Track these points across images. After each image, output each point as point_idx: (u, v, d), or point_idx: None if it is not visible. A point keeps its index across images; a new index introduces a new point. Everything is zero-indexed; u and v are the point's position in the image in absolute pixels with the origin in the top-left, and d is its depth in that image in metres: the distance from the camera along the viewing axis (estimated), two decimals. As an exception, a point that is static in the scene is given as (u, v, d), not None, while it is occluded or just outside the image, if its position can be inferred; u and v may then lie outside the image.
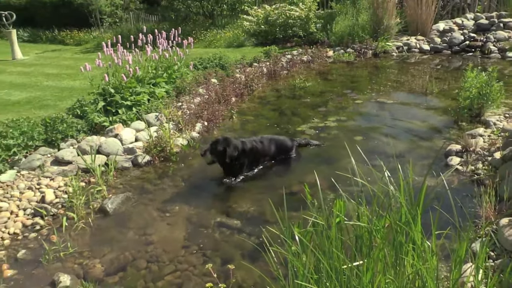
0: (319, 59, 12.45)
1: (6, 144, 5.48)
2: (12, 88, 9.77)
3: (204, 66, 10.28)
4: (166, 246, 4.10)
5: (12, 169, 5.49)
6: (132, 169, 5.83)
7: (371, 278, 2.30)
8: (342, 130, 6.91)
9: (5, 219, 4.60)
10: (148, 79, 7.99)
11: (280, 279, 2.49)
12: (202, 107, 7.56)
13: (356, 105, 8.29)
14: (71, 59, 14.49)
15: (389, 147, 5.81)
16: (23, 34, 21.04)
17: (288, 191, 4.68)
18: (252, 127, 7.29)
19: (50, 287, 3.61)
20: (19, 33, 19.63)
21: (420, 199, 2.39)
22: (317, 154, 6.03)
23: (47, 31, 20.83)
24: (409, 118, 7.26)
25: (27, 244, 4.27)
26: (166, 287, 3.56)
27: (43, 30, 21.07)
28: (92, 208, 4.83)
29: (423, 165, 5.29)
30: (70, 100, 8.09)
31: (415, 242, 2.36)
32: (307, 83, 9.82)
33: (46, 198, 4.96)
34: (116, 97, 7.00)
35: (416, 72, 10.92)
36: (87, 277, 3.72)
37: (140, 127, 6.66)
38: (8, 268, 3.89)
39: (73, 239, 4.28)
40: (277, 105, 8.54)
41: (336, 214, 2.47)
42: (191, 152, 6.28)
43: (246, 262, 3.69)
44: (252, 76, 9.74)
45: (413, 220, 2.35)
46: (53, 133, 6.02)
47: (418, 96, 8.69)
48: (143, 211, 4.77)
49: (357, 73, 11.21)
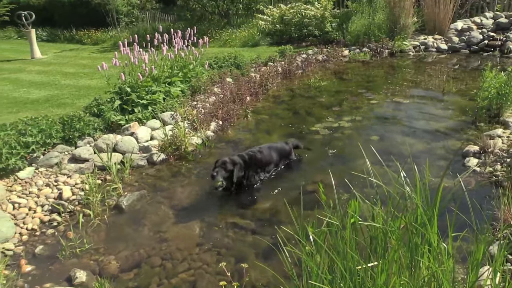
0: (335, 59, 12.35)
1: (25, 141, 5.57)
2: (31, 86, 9.94)
3: (219, 65, 10.30)
4: (180, 244, 4.13)
5: (30, 166, 5.59)
6: (147, 167, 5.87)
7: (385, 279, 2.28)
8: (356, 130, 6.86)
9: (24, 215, 4.69)
10: (164, 78, 8.05)
11: (294, 279, 2.48)
12: (217, 106, 7.58)
13: (371, 105, 8.21)
14: (89, 58, 14.68)
15: (404, 147, 5.74)
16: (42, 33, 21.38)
17: (302, 191, 4.66)
18: (266, 126, 7.27)
19: (66, 282, 3.67)
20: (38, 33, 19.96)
21: (436, 201, 2.36)
22: (333, 154, 5.99)
23: (65, 31, 21.14)
24: (425, 118, 7.16)
25: (44, 240, 4.35)
26: (180, 284, 3.58)
27: (61, 30, 21.39)
28: (108, 205, 4.88)
29: (439, 166, 5.21)
30: (87, 99, 8.20)
31: (431, 244, 2.32)
32: (322, 83, 9.76)
33: (63, 195, 5.04)
34: (132, 96, 7.07)
35: (433, 71, 10.77)
36: (103, 273, 3.77)
37: (156, 126, 6.71)
38: (26, 264, 3.96)
39: (89, 236, 4.35)
40: (291, 105, 8.51)
41: (351, 214, 2.45)
42: (205, 151, 6.30)
43: (260, 261, 3.69)
44: (267, 75, 9.73)
45: (429, 222, 2.32)
46: (70, 131, 6.11)
47: (435, 96, 8.56)
48: (157, 209, 4.81)
49: (373, 72, 11.10)
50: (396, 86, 9.39)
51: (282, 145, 5.63)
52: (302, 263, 2.45)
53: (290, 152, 5.67)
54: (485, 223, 2.57)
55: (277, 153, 5.47)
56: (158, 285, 3.59)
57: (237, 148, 6.42)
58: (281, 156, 5.52)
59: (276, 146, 5.55)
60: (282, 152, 5.55)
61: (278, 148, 5.53)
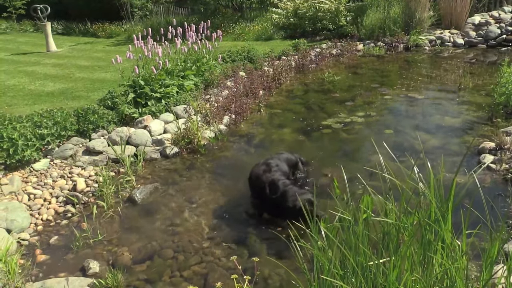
0: (349, 53, 12.26)
1: (40, 133, 5.65)
2: (46, 79, 10.06)
3: (232, 59, 10.30)
4: (192, 237, 4.16)
5: (45, 158, 5.67)
6: (160, 160, 5.92)
7: (397, 275, 2.26)
8: (369, 125, 6.81)
9: (39, 206, 4.77)
10: (177, 72, 8.08)
11: (305, 273, 2.49)
12: (230, 100, 7.59)
13: (385, 100, 8.14)
14: (103, 52, 14.78)
15: (418, 143, 5.69)
16: (57, 27, 21.58)
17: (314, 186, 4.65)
18: (279, 121, 7.27)
19: (80, 272, 3.73)
20: (53, 26, 20.17)
21: (450, 197, 2.34)
22: (343, 150, 5.97)
23: (80, 24, 21.29)
24: (440, 113, 7.08)
25: (59, 231, 4.42)
26: (192, 277, 3.61)
27: (76, 23, 21.55)
28: (121, 197, 4.94)
29: (454, 162, 5.15)
30: (101, 92, 8.27)
31: (444, 241, 2.30)
32: (335, 77, 9.69)
33: (77, 186, 5.11)
34: (146, 89, 7.11)
35: (449, 66, 10.62)
36: (116, 264, 3.82)
37: (169, 119, 6.74)
38: (41, 253, 4.03)
39: (103, 227, 4.40)
40: (304, 99, 8.48)
41: (363, 209, 2.44)
42: (218, 144, 6.32)
43: (272, 256, 3.70)
44: (280, 69, 9.71)
45: (443, 218, 2.30)
46: (84, 123, 6.17)
47: (451, 91, 8.45)
48: (170, 202, 4.85)
49: (387, 67, 10.99)
50: (411, 81, 9.29)
51: (288, 155, 5.14)
52: (314, 258, 2.45)
53: (297, 163, 5.18)
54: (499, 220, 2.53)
55: (287, 164, 4.99)
56: (170, 277, 3.63)
57: (251, 142, 6.43)
58: (289, 167, 5.03)
59: (285, 157, 5.07)
60: (290, 163, 5.08)
61: (287, 159, 5.07)
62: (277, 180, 4.38)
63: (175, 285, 3.54)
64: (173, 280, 3.60)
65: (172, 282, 3.57)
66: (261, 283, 3.43)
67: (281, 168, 4.72)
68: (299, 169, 5.13)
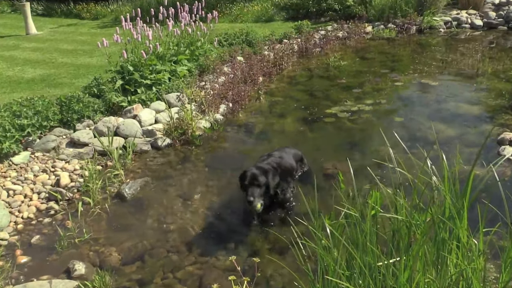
0: (356, 36, 12.21)
1: (20, 124, 5.64)
2: (26, 64, 10.02)
3: (229, 43, 10.26)
4: (186, 236, 4.17)
5: (26, 150, 5.67)
6: (152, 153, 5.91)
7: (409, 277, 2.27)
8: (378, 114, 6.81)
9: (19, 203, 4.77)
10: (169, 56, 8.05)
11: (309, 275, 2.49)
12: (227, 87, 7.57)
13: (396, 87, 8.13)
14: (88, 34, 14.71)
15: (432, 132, 5.69)
16: (37, 7, 21.41)
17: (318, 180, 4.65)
18: (280, 110, 7.26)
19: (64, 274, 3.74)
20: (33, 6, 20.01)
21: (466, 192, 2.34)
22: (350, 141, 5.97)
23: (62, 4, 21.12)
24: (456, 101, 7.08)
25: (41, 230, 4.42)
26: (186, 278, 3.62)
27: (58, 3, 21.37)
28: (109, 193, 4.94)
29: (470, 154, 5.16)
30: (86, 78, 8.24)
31: (460, 239, 2.31)
32: (342, 62, 9.67)
33: (61, 181, 5.10)
34: (135, 76, 7.09)
35: (466, 50, 10.59)
36: (103, 265, 3.83)
37: (160, 108, 6.73)
38: (21, 254, 4.04)
39: (89, 225, 4.41)
40: (308, 86, 8.46)
41: (372, 205, 2.44)
42: (214, 135, 6.32)
43: (273, 255, 3.71)
44: (281, 53, 9.67)
45: (458, 215, 2.30)
46: (68, 113, 6.16)
47: (468, 77, 8.44)
48: (162, 198, 4.86)
49: (399, 51, 10.96)
50: (424, 66, 9.27)
51: (294, 150, 5.08)
52: (318, 257, 2.46)
53: (302, 158, 5.14)
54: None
55: (293, 159, 4.94)
56: (163, 279, 3.64)
57: (249, 133, 6.43)
58: (296, 162, 4.99)
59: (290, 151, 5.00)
60: (297, 157, 5.03)
61: (292, 153, 4.99)
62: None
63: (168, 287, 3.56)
64: (165, 282, 3.61)
65: (164, 284, 3.59)
66: (262, 285, 3.44)
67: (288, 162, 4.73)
68: (304, 163, 5.14)
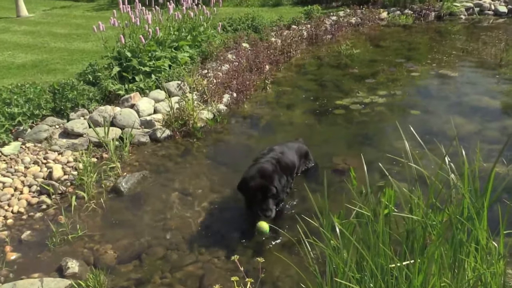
0: (370, 22, 12.17)
1: (10, 112, 5.66)
2: (16, 49, 10.03)
3: (234, 28, 10.24)
4: (186, 233, 4.18)
5: (16, 140, 5.68)
6: (150, 145, 5.93)
7: (423, 280, 2.28)
8: (392, 106, 6.79)
9: (9, 196, 4.78)
10: (170, 42, 8.03)
11: (317, 277, 2.50)
12: (231, 75, 7.56)
13: (412, 78, 8.10)
14: (82, 18, 14.71)
15: (450, 127, 5.67)
16: (30, -13, 21.45)
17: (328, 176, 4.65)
18: (288, 100, 7.25)
19: (56, 273, 3.76)
20: (25, -13, 20.01)
21: (487, 191, 2.33)
22: (362, 134, 5.96)
23: (56, -15, 21.16)
24: (477, 93, 7.05)
25: (32, 225, 4.44)
26: (186, 279, 3.63)
27: (51, -17, 21.42)
28: (105, 187, 4.96)
29: (491, 151, 5.14)
30: (81, 64, 8.25)
31: (479, 242, 2.31)
32: (354, 50, 9.64)
33: (53, 174, 5.12)
34: (133, 62, 7.09)
35: (488, 39, 10.52)
36: (98, 263, 3.85)
37: (160, 97, 6.74)
38: (11, 251, 4.06)
39: (83, 221, 4.43)
40: (317, 75, 8.44)
41: (385, 204, 2.44)
42: (217, 127, 6.32)
43: (278, 255, 3.71)
44: (289, 40, 9.64)
45: (477, 216, 2.30)
46: (62, 101, 6.17)
47: (490, 68, 8.39)
48: (161, 192, 4.87)
49: (416, 39, 10.90)
50: (443, 56, 9.23)
51: (298, 144, 5.05)
52: (327, 258, 2.46)
53: (307, 153, 5.11)
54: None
55: (296, 154, 4.87)
56: (161, 278, 3.66)
57: (255, 125, 6.42)
58: (300, 158, 4.95)
59: (293, 145, 4.95)
60: (301, 152, 4.98)
61: (295, 148, 4.94)
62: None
63: (166, 288, 3.58)
64: (164, 281, 3.63)
65: (163, 284, 3.60)
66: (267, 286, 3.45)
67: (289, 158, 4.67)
68: (310, 159, 5.12)
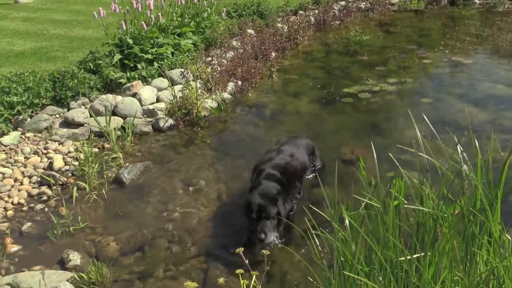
0: (380, 7, 12.11)
1: (9, 101, 5.68)
2: (15, 36, 10.04)
3: (239, 14, 10.19)
4: (190, 225, 4.20)
5: (16, 130, 5.71)
6: (153, 134, 5.94)
7: (434, 274, 2.28)
8: (403, 94, 6.77)
9: (9, 187, 4.81)
10: (173, 29, 8.01)
11: (324, 270, 2.51)
12: (236, 63, 7.55)
13: (423, 65, 8.05)
14: (83, 3, 14.68)
15: (463, 116, 5.64)
16: (28, -28, 21.42)
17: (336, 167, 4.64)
18: (294, 88, 7.23)
19: (58, 265, 3.79)
20: (23, -29, 19.98)
21: (500, 182, 2.33)
22: (371, 123, 5.94)
23: (55, -31, 21.11)
24: (491, 81, 7.01)
25: (33, 216, 4.47)
26: (189, 272, 3.66)
27: (50, -32, 21.37)
28: (106, 178, 4.98)
29: (506, 141, 5.12)
30: (81, 52, 8.24)
31: (492, 234, 2.31)
32: (363, 37, 9.59)
33: (54, 164, 5.15)
34: (135, 49, 7.08)
35: (504, 24, 10.43)
36: (100, 256, 3.88)
37: (163, 86, 6.74)
38: (12, 243, 4.09)
39: (85, 213, 4.45)
40: (325, 63, 8.41)
41: (395, 195, 2.44)
42: (221, 116, 6.32)
43: (284, 248, 3.73)
44: (296, 26, 9.61)
45: (491, 208, 2.29)
46: (62, 90, 6.18)
47: (506, 55, 8.33)
48: (164, 183, 4.89)
49: (427, 25, 10.83)
50: (457, 42, 9.16)
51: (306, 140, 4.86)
52: (335, 251, 2.47)
53: (314, 149, 4.91)
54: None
55: (305, 152, 4.68)
56: (165, 271, 3.68)
57: (260, 114, 6.42)
58: (308, 156, 4.74)
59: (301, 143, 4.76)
60: (308, 149, 4.78)
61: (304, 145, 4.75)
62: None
63: (169, 281, 3.59)
64: (167, 274, 3.66)
65: (166, 277, 3.63)
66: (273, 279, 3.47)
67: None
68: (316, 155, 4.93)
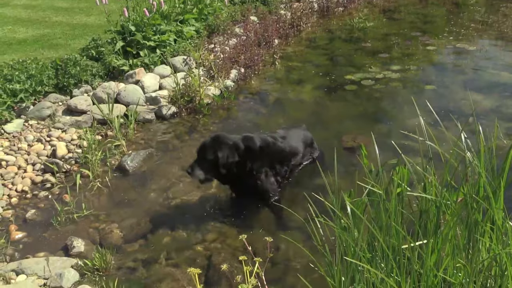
0: (385, -7, 12.02)
1: (12, 89, 5.68)
2: (17, 24, 10.01)
3: (241, 1, 10.13)
4: (193, 212, 4.22)
5: (19, 118, 5.72)
6: (155, 122, 5.94)
7: (436, 261, 2.28)
8: (407, 82, 6.75)
9: (12, 175, 4.84)
10: (175, 15, 7.98)
11: (326, 256, 2.52)
12: (239, 50, 7.52)
13: (427, 52, 8.01)
14: (85, -10, 14.63)
15: (467, 103, 5.62)
16: (30, -41, 21.32)
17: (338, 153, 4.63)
18: (298, 76, 7.21)
19: (62, 251, 3.82)
20: (25, -42, 19.90)
21: (504, 169, 2.32)
22: (373, 111, 5.93)
23: (56, -44, 21.01)
24: (496, 68, 6.97)
25: (36, 204, 4.49)
26: (193, 259, 3.68)
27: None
28: (110, 165, 4.98)
29: (510, 128, 5.11)
30: (83, 39, 8.22)
31: (495, 222, 2.30)
32: (367, 23, 9.54)
33: (57, 152, 5.16)
34: (137, 36, 7.06)
35: (509, 11, 10.34)
36: (104, 243, 3.90)
37: (165, 73, 6.72)
38: (16, 230, 4.12)
39: (88, 200, 4.47)
40: (329, 50, 8.37)
41: (397, 182, 2.44)
42: (224, 103, 6.31)
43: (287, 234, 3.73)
44: (300, 13, 9.56)
45: (494, 195, 2.29)
46: (64, 77, 6.18)
47: (510, 41, 8.27)
48: (167, 171, 4.89)
49: (432, 11, 10.75)
50: (461, 29, 9.10)
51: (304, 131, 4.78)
52: (337, 238, 2.47)
53: (312, 141, 4.83)
54: None
55: (301, 141, 4.65)
56: (167, 259, 3.70)
57: (263, 101, 6.41)
58: (305, 146, 4.68)
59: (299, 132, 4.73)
60: (306, 140, 4.71)
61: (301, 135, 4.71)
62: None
63: (173, 268, 3.61)
64: (170, 262, 3.67)
65: (170, 264, 3.65)
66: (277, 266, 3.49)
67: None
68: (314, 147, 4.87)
